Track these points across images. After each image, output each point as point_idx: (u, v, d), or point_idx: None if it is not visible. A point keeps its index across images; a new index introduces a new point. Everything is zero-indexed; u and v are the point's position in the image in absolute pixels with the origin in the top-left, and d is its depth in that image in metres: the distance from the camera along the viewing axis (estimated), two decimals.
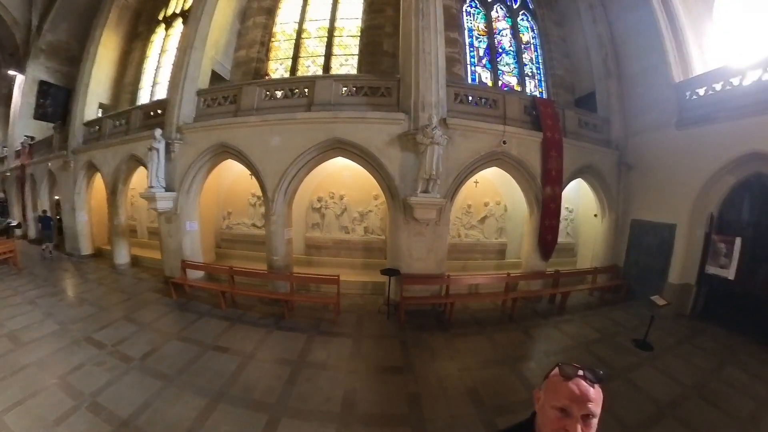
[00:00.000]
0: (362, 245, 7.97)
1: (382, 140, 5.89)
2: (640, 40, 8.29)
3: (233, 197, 8.41)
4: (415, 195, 5.65)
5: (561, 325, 5.93)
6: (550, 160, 7.03)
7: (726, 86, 6.58)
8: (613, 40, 8.88)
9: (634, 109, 8.45)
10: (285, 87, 6.76)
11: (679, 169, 6.92)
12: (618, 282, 7.60)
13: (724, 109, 6.34)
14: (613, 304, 6.96)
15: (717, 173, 6.31)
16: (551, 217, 7.04)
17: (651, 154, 7.75)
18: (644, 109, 8.20)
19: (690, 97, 7.12)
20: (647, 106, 8.05)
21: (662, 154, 7.44)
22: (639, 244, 7.82)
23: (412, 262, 5.99)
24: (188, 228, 7.45)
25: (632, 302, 6.99)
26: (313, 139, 6.06)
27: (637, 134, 8.37)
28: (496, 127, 6.51)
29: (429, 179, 5.47)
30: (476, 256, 8.08)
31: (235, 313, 6.06)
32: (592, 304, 7.14)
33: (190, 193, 7.36)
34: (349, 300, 6.48)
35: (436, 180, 5.50)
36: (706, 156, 6.44)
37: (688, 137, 6.84)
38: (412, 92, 6.10)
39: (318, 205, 8.06)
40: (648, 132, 8.01)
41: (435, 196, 5.63)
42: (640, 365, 4.54)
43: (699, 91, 6.96)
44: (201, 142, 7.12)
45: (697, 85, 7.02)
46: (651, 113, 7.96)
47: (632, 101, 8.51)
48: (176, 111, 7.37)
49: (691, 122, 6.88)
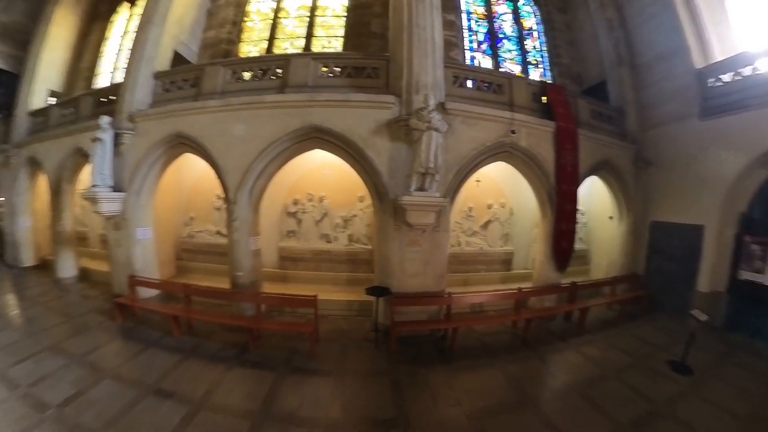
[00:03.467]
0: (346, 257, 6.81)
1: (368, 128, 4.89)
2: (654, 23, 7.67)
3: (196, 199, 7.16)
4: (408, 194, 4.65)
5: (583, 348, 5.06)
6: (564, 153, 6.14)
7: (756, 71, 5.89)
8: (624, 25, 8.17)
9: (650, 100, 7.79)
10: (254, 67, 5.72)
11: (705, 163, 6.29)
12: (639, 293, 6.79)
13: (755, 96, 5.66)
14: (635, 319, 6.24)
15: (748, 167, 5.71)
16: (567, 221, 6.13)
17: (671, 148, 7.08)
18: (662, 99, 7.53)
19: (714, 85, 6.45)
20: (665, 96, 7.36)
21: (684, 148, 6.79)
22: (661, 249, 7.11)
23: (405, 279, 4.95)
24: (140, 236, 6.29)
25: (657, 315, 6.36)
26: (285, 127, 5.01)
27: (654, 127, 7.69)
28: (502, 113, 5.59)
29: (426, 174, 4.46)
30: (479, 268, 7.02)
31: (190, 343, 4.94)
32: (613, 319, 6.30)
33: (141, 194, 6.23)
34: (330, 324, 5.39)
35: (434, 175, 4.50)
36: (734, 148, 5.85)
37: (713, 128, 6.22)
38: (404, 72, 5.14)
39: (294, 209, 6.88)
40: (667, 124, 7.32)
41: (433, 194, 4.64)
42: (684, 396, 3.88)
43: (723, 78, 6.30)
44: (154, 132, 6.02)
45: (721, 71, 6.35)
46: (670, 103, 7.28)
47: (648, 91, 7.85)
48: (129, 96, 6.26)
49: (716, 112, 6.25)
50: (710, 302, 5.79)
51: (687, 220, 6.52)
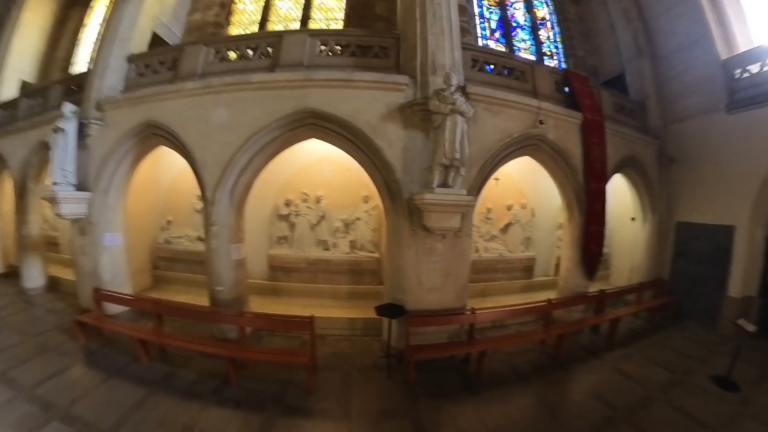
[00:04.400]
0: (348, 266, 5.61)
1: (377, 113, 3.92)
2: (674, 13, 7.03)
3: (175, 200, 6.00)
4: (428, 190, 3.67)
5: (620, 364, 4.37)
6: (592, 148, 5.28)
7: None
8: (641, 15, 7.43)
9: (671, 93, 7.13)
10: (241, 45, 4.72)
11: (734, 159, 5.66)
12: (666, 299, 6.10)
13: None
14: (664, 328, 5.61)
15: None
16: (597, 223, 5.25)
17: (697, 144, 6.42)
18: (685, 92, 6.85)
19: (740, 76, 5.83)
20: (688, 88, 6.67)
21: (711, 143, 6.14)
22: (687, 252, 6.43)
23: (422, 294, 4.00)
24: (107, 242, 5.24)
25: (685, 323, 5.79)
26: (275, 112, 4.00)
27: (677, 121, 7.04)
28: (528, 101, 4.69)
29: (449, 167, 3.50)
30: (498, 276, 6.00)
31: (160, 372, 3.94)
32: (642, 329, 5.55)
33: (109, 194, 5.19)
34: (330, 347, 4.38)
35: (459, 168, 3.54)
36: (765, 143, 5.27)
37: (742, 122, 5.61)
38: (419, 52, 4.20)
39: (286, 211, 5.68)
40: (691, 118, 6.61)
41: (459, 192, 3.68)
42: (735, 416, 3.35)
43: (751, 69, 5.70)
44: (124, 121, 5.00)
45: (748, 61, 5.75)
46: (694, 96, 6.58)
47: (669, 83, 7.19)
48: (97, 82, 5.25)
49: (744, 104, 5.65)
50: (742, 308, 5.22)
51: (715, 221, 5.88)
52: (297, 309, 4.83)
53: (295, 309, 4.84)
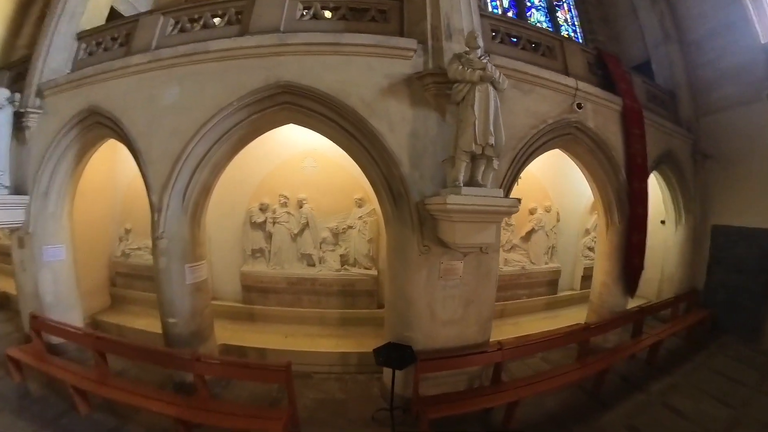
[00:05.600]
0: (338, 286, 4.30)
1: (375, 86, 2.75)
2: None
3: (133, 205, 4.61)
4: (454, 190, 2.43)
5: (669, 398, 3.55)
6: (633, 140, 4.20)
7: None
8: None
9: (703, 82, 6.18)
10: (205, 12, 3.54)
11: None
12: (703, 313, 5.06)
13: None
14: (704, 346, 4.80)
15: None
16: (639, 230, 4.16)
17: (734, 138, 5.46)
18: (719, 81, 5.88)
19: None
20: (723, 76, 5.65)
21: (752, 137, 5.22)
22: (725, 259, 5.47)
23: (435, 329, 2.85)
24: (48, 257, 4.05)
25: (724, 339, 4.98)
26: (237, 87, 2.84)
27: (711, 113, 6.08)
28: (564, 80, 3.58)
29: (479, 157, 2.30)
30: (519, 293, 4.74)
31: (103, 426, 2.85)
32: (680, 349, 4.67)
33: (49, 198, 4.04)
34: (317, 390, 3.22)
35: (492, 159, 2.33)
36: None
37: None
38: (429, 13, 3.06)
39: (261, 218, 4.35)
40: (727, 109, 5.62)
41: (496, 192, 2.48)
42: None
43: None
44: (64, 108, 3.86)
45: None
46: (730, 85, 5.58)
47: (700, 71, 6.20)
48: (40, 64, 4.14)
49: None
50: None
51: (758, 224, 5.04)
52: (275, 339, 3.68)
53: (272, 339, 3.70)
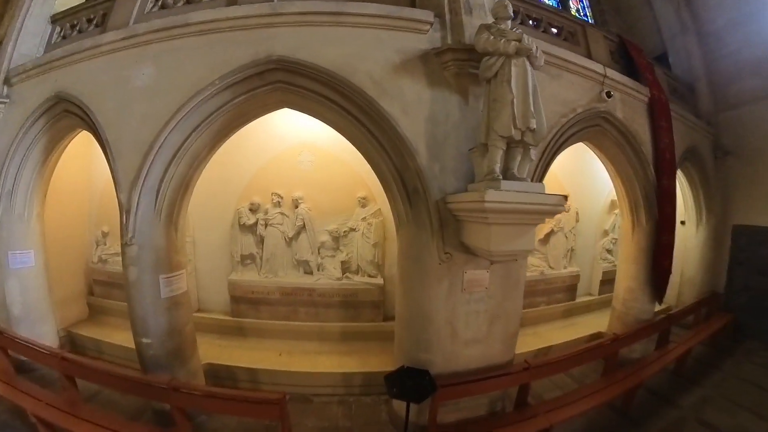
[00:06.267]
0: (339, 297, 3.74)
1: (385, 62, 2.28)
2: None
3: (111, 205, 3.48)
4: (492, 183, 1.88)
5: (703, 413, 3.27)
6: (661, 133, 3.82)
7: None
8: None
9: (723, 75, 5.88)
10: None
11: None
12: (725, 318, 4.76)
13: None
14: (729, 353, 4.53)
15: None
16: (668, 230, 3.78)
17: (757, 134, 5.18)
18: (740, 74, 5.61)
19: None
20: (745, 69, 5.33)
21: None
22: (748, 260, 5.16)
23: (457, 349, 2.41)
24: (14, 263, 3.57)
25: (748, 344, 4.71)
26: (221, 64, 2.36)
27: (731, 107, 5.78)
28: (592, 65, 3.18)
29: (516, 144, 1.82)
30: (538, 300, 4.29)
31: None
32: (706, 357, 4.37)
33: (15, 198, 3.56)
34: (318, 417, 2.78)
35: (530, 148, 1.86)
36: None
37: None
38: None
39: (251, 220, 3.81)
40: (749, 104, 5.31)
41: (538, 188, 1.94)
42: None
43: None
44: (31, 96, 3.38)
45: None
46: (752, 78, 5.27)
47: (720, 64, 5.86)
48: (10, 49, 3.71)
49: None
50: None
51: None
52: (268, 357, 3.22)
53: (265, 357, 3.23)
